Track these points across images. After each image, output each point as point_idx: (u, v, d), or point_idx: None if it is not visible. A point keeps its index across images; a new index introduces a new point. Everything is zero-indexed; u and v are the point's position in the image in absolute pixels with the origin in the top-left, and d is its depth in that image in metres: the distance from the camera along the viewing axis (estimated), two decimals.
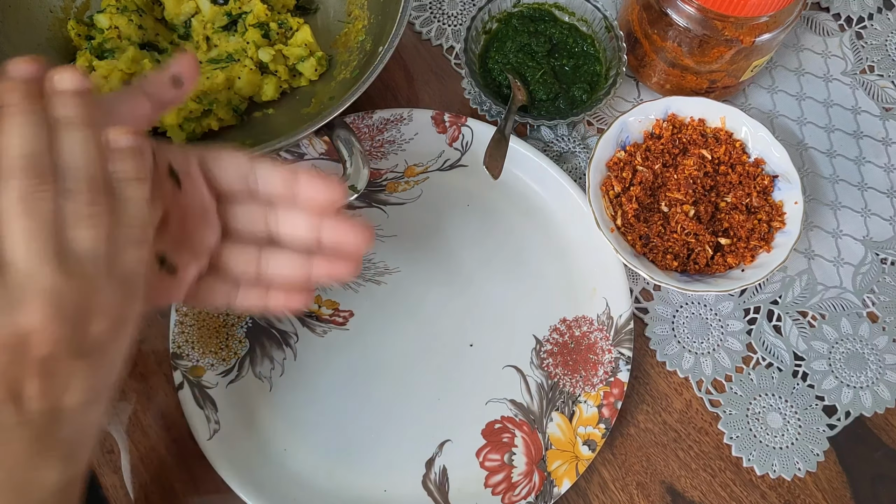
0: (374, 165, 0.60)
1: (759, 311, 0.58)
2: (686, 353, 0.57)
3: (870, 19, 0.70)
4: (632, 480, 0.53)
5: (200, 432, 0.50)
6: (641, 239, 0.55)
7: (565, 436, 0.52)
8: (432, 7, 0.69)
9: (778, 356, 0.57)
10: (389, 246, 0.58)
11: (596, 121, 0.64)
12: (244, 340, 0.54)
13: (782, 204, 0.56)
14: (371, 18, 0.62)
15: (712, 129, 0.59)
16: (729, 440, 0.54)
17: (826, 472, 0.54)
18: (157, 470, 0.52)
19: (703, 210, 0.55)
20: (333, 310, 0.56)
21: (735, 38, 0.56)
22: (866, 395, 0.56)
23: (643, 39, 0.61)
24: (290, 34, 0.61)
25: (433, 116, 0.60)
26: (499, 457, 0.52)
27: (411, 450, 0.52)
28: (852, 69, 0.68)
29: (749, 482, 0.53)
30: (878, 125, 0.65)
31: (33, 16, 0.59)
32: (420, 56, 0.67)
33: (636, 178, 0.57)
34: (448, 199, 0.59)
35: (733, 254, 0.55)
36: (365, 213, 0.59)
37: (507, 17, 0.64)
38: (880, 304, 0.59)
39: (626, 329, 0.54)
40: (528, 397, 0.54)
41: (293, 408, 0.53)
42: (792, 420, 0.55)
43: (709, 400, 0.55)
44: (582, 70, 0.63)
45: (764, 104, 0.66)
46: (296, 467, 0.51)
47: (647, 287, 0.58)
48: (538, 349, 0.55)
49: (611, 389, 0.53)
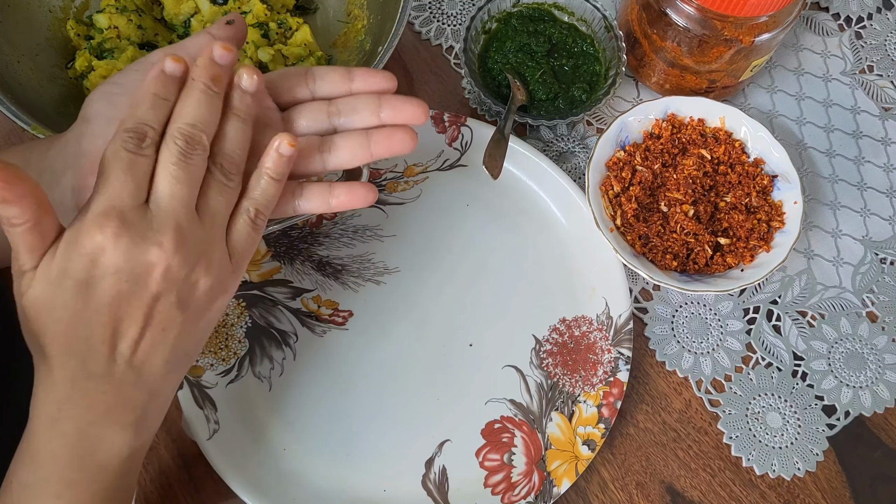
0: (373, 165, 0.60)
1: (759, 311, 0.58)
2: (685, 353, 0.57)
3: (869, 19, 0.70)
4: (631, 480, 0.53)
5: (200, 432, 0.50)
6: (641, 239, 0.55)
7: (565, 436, 0.52)
8: (432, 7, 0.69)
9: (777, 356, 0.57)
10: (389, 246, 0.58)
11: (595, 120, 0.64)
12: (244, 340, 0.54)
13: (782, 204, 0.56)
14: (370, 18, 0.62)
15: (712, 128, 0.59)
16: (728, 440, 0.54)
17: (825, 471, 0.54)
18: (156, 470, 0.52)
19: (703, 210, 0.55)
20: (333, 310, 0.56)
21: (734, 38, 0.56)
22: (866, 394, 0.56)
23: (642, 39, 0.61)
24: (290, 34, 0.61)
25: (432, 116, 0.60)
26: (498, 457, 0.52)
27: (411, 450, 0.52)
28: (852, 69, 0.68)
29: (748, 482, 0.53)
30: (878, 125, 0.65)
31: (33, 16, 0.59)
32: (419, 56, 0.67)
33: (635, 177, 0.57)
34: (448, 199, 0.59)
35: (733, 254, 0.55)
36: (365, 212, 0.59)
37: (506, 16, 0.64)
38: (880, 303, 0.59)
39: (626, 329, 0.54)
40: (527, 397, 0.54)
41: (293, 408, 0.53)
42: (791, 420, 0.55)
43: (708, 400, 0.55)
44: (581, 70, 0.63)
45: (763, 104, 0.66)
46: (295, 467, 0.51)
47: (646, 287, 0.58)
48: (538, 349, 0.55)
49: (610, 389, 0.53)
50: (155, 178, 0.37)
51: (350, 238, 0.58)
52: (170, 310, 0.37)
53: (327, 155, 0.45)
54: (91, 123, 0.43)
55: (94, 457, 0.37)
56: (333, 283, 0.56)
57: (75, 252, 0.36)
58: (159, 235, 0.36)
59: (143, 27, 0.59)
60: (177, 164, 0.37)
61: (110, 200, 0.36)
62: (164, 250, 0.36)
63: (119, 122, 0.38)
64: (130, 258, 0.36)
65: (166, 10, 0.61)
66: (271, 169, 0.41)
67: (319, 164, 0.45)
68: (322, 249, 0.58)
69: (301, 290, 0.56)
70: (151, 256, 0.36)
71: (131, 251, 0.36)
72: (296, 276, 0.57)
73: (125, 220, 0.36)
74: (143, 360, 0.37)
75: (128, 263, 0.36)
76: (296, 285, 0.56)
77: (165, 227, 0.37)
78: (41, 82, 0.57)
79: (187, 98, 0.39)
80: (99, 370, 0.36)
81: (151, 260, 0.36)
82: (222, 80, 0.40)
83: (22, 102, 0.52)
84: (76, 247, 0.36)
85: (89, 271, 0.36)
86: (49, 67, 0.58)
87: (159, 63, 0.39)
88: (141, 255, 0.36)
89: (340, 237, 0.58)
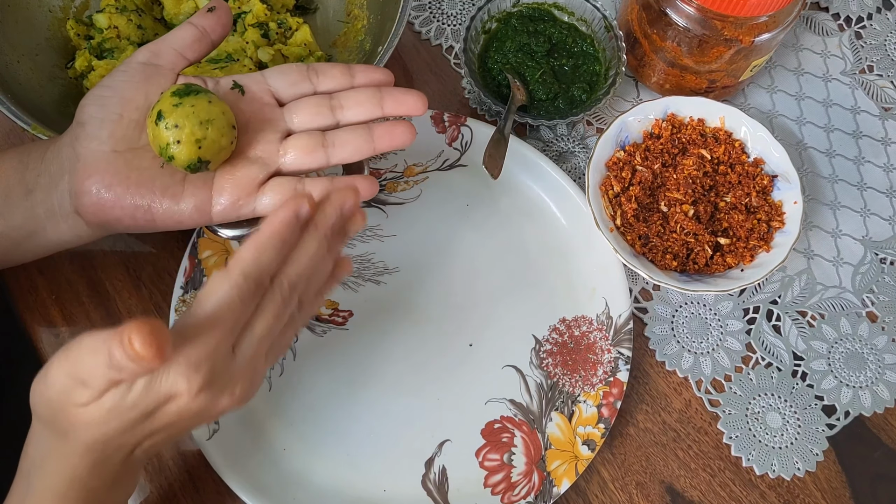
0: (373, 165, 0.60)
1: (759, 311, 0.58)
2: (685, 353, 0.57)
3: (869, 19, 0.70)
4: (631, 480, 0.53)
5: (200, 432, 0.50)
6: (641, 239, 0.55)
7: (565, 435, 0.52)
8: (431, 7, 0.69)
9: (777, 356, 0.57)
10: (389, 246, 0.58)
11: (595, 120, 0.64)
12: None
13: (781, 204, 0.56)
14: (370, 18, 0.62)
15: (711, 128, 0.59)
16: (728, 440, 0.54)
17: (825, 471, 0.54)
18: (156, 470, 0.52)
19: (703, 210, 0.55)
20: (333, 310, 0.56)
21: (734, 38, 0.56)
22: (865, 394, 0.56)
23: (642, 39, 0.61)
24: (290, 34, 0.61)
25: (432, 116, 0.60)
26: (498, 456, 0.52)
27: (411, 449, 0.52)
28: (851, 69, 0.68)
29: (748, 482, 0.53)
30: (878, 125, 0.65)
31: (32, 16, 0.59)
32: (419, 56, 0.67)
33: (635, 177, 0.57)
34: (447, 199, 0.59)
35: (732, 253, 0.55)
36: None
37: (506, 16, 0.64)
38: (879, 303, 0.59)
39: (626, 329, 0.54)
40: (527, 397, 0.54)
41: (293, 408, 0.53)
42: (791, 420, 0.55)
43: (708, 400, 0.55)
44: (581, 70, 0.63)
45: (763, 104, 0.66)
46: (295, 467, 0.51)
47: (646, 287, 0.58)
48: (538, 349, 0.55)
49: (610, 389, 0.53)
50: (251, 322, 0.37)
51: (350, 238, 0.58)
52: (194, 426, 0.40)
53: (331, 150, 0.45)
54: (85, 127, 0.43)
55: None
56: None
57: (154, 392, 0.35)
58: (234, 387, 0.37)
59: (143, 27, 0.59)
60: (274, 315, 0.38)
61: (207, 353, 0.35)
62: (234, 399, 0.38)
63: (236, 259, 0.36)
64: (202, 406, 0.36)
65: (166, 9, 0.61)
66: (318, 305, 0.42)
67: (323, 158, 0.45)
68: None
69: None
70: (221, 405, 0.37)
71: (205, 402, 0.36)
72: None
73: (213, 377, 0.36)
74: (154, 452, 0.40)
75: (197, 408, 0.36)
76: None
77: (243, 379, 0.37)
78: (41, 82, 0.57)
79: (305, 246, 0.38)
80: (118, 460, 0.38)
81: (219, 409, 0.37)
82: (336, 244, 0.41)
83: (22, 102, 0.52)
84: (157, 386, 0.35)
85: (159, 407, 0.36)
86: (49, 67, 0.58)
87: (294, 204, 0.37)
88: (212, 406, 0.37)
89: None
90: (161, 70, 0.44)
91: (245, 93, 0.45)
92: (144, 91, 0.43)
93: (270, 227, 0.37)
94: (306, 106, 0.45)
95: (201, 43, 0.45)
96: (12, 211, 0.44)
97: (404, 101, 0.45)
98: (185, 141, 0.41)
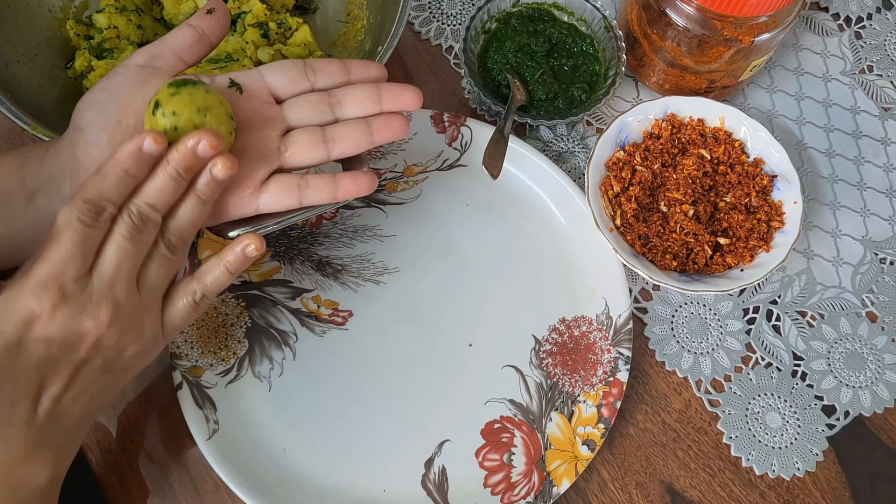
0: (373, 165, 0.60)
1: (759, 311, 0.58)
2: (685, 353, 0.57)
3: (869, 19, 0.70)
4: (631, 480, 0.53)
5: (199, 432, 0.50)
6: (640, 239, 0.55)
7: (564, 436, 0.52)
8: (431, 7, 0.69)
9: (777, 356, 0.57)
10: (389, 246, 0.58)
11: (595, 120, 0.64)
12: (243, 340, 0.54)
13: (781, 204, 0.56)
14: (370, 18, 0.62)
15: (711, 128, 0.59)
16: (728, 440, 0.54)
17: (825, 471, 0.54)
18: (156, 470, 0.52)
19: (703, 210, 0.55)
20: (333, 310, 0.56)
21: (734, 38, 0.56)
22: (865, 394, 0.56)
23: (642, 39, 0.61)
24: (290, 34, 0.61)
25: (432, 116, 0.60)
26: (498, 457, 0.52)
27: (410, 450, 0.52)
28: (851, 69, 0.68)
29: (748, 482, 0.53)
30: (877, 125, 0.65)
31: (32, 16, 0.59)
32: (419, 56, 0.67)
33: (635, 177, 0.57)
34: (447, 199, 0.59)
35: (732, 254, 0.55)
36: (364, 212, 0.59)
37: (506, 16, 0.64)
38: (879, 303, 0.59)
39: (626, 329, 0.54)
40: (527, 397, 0.54)
41: (292, 408, 0.53)
42: (791, 420, 0.55)
43: (708, 400, 0.55)
44: (581, 70, 0.63)
45: (763, 104, 0.66)
46: (295, 467, 0.51)
47: (646, 287, 0.58)
48: (537, 349, 0.55)
49: (610, 389, 0.53)
50: (104, 246, 0.39)
51: (350, 238, 0.58)
52: (94, 372, 0.40)
53: (331, 144, 0.45)
54: (83, 132, 0.42)
55: (18, 492, 0.38)
56: (333, 283, 0.56)
57: (10, 315, 0.37)
58: (96, 308, 0.38)
59: (142, 27, 0.59)
60: (127, 239, 0.39)
61: (53, 271, 0.37)
62: (99, 322, 0.38)
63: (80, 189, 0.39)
64: (64, 328, 0.37)
65: (166, 9, 0.61)
66: (231, 264, 0.43)
67: (324, 153, 0.45)
68: (322, 249, 0.58)
69: (301, 290, 0.56)
70: (85, 328, 0.38)
71: (66, 322, 0.37)
72: (295, 276, 0.57)
73: (64, 293, 0.37)
74: (63, 411, 0.39)
75: (61, 333, 0.37)
76: (295, 285, 0.56)
77: (104, 300, 0.38)
78: (41, 82, 0.57)
79: (155, 179, 0.40)
80: (20, 419, 0.37)
81: (85, 331, 0.38)
82: (195, 170, 0.41)
83: (22, 102, 0.52)
84: (11, 310, 0.37)
85: (21, 334, 0.37)
86: (49, 67, 0.58)
87: (139, 138, 0.39)
88: (75, 326, 0.38)
89: (340, 237, 0.58)
90: (159, 73, 0.44)
91: (243, 91, 0.45)
92: (142, 94, 0.43)
93: (113, 158, 0.39)
94: (306, 104, 0.46)
95: (200, 45, 0.45)
96: (14, 215, 0.44)
97: (401, 96, 0.46)
98: (182, 127, 0.41)
